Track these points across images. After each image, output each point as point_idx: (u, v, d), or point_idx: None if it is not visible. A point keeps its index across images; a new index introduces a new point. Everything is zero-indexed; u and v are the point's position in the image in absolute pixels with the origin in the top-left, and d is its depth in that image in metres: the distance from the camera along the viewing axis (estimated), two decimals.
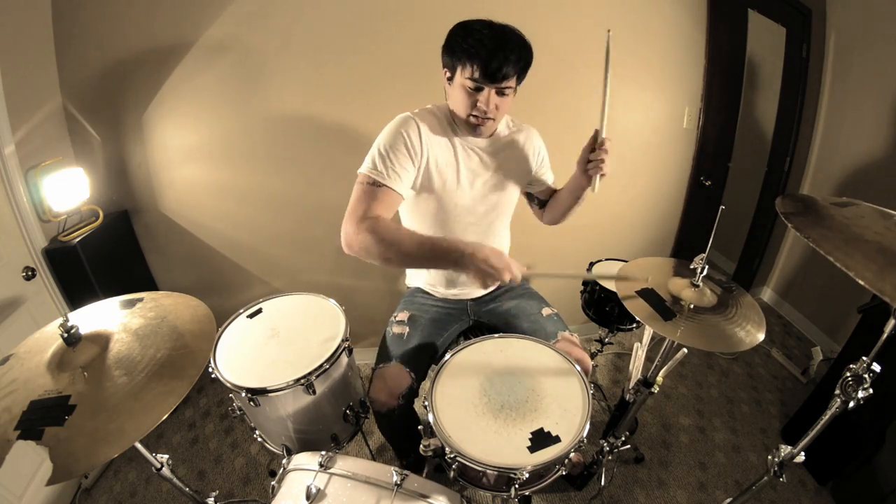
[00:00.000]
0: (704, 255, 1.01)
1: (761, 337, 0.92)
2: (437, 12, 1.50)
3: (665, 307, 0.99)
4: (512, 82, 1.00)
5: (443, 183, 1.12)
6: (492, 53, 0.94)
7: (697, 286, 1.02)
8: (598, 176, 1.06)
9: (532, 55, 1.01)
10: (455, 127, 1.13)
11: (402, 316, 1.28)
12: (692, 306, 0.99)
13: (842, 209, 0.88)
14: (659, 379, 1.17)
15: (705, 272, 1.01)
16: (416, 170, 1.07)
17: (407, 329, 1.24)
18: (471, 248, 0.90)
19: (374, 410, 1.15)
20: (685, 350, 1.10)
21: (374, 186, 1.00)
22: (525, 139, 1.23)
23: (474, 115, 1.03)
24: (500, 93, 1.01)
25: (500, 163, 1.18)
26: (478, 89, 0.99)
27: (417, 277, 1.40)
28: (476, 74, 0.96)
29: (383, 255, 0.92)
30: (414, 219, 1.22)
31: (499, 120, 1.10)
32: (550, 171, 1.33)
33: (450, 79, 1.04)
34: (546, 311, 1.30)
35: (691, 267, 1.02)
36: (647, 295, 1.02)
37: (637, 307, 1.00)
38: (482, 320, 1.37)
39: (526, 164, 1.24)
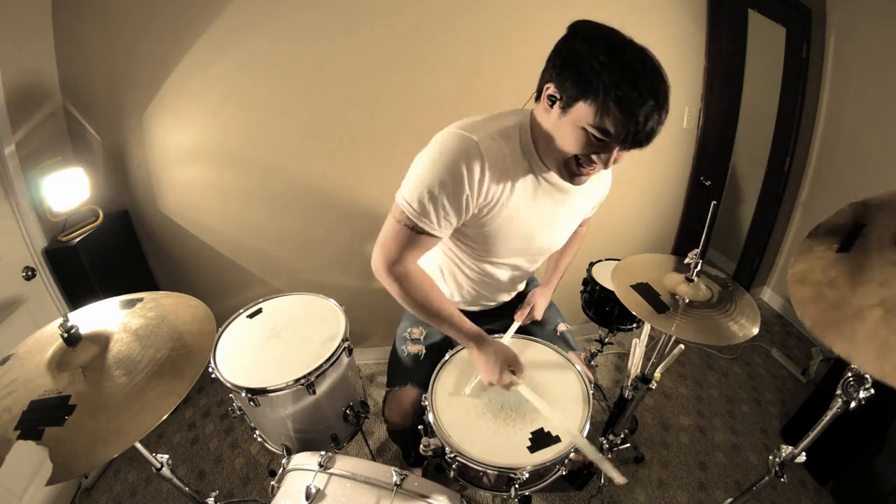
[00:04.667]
0: (698, 250, 1.02)
1: (755, 331, 0.93)
2: (441, 6, 1.51)
3: (659, 301, 1.00)
4: None
5: (502, 221, 0.91)
6: (650, 112, 0.68)
7: (692, 281, 1.03)
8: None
9: None
10: (537, 156, 0.86)
11: (417, 333, 1.19)
12: (687, 300, 1.00)
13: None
14: (657, 375, 1.18)
15: (699, 267, 1.02)
16: (468, 214, 0.86)
17: (423, 349, 1.16)
18: (481, 343, 0.96)
19: (388, 429, 1.16)
20: (682, 346, 1.11)
21: (414, 232, 0.85)
22: (602, 178, 1.08)
23: (581, 166, 0.79)
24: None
25: (573, 203, 1.00)
26: (605, 144, 0.74)
27: None
28: (616, 129, 0.70)
29: (406, 305, 0.96)
30: (449, 241, 1.02)
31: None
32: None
33: (563, 107, 0.74)
34: (561, 326, 1.26)
35: (685, 262, 1.04)
36: (643, 289, 1.03)
37: (633, 302, 1.00)
38: (496, 330, 1.28)
39: (590, 202, 1.12)
